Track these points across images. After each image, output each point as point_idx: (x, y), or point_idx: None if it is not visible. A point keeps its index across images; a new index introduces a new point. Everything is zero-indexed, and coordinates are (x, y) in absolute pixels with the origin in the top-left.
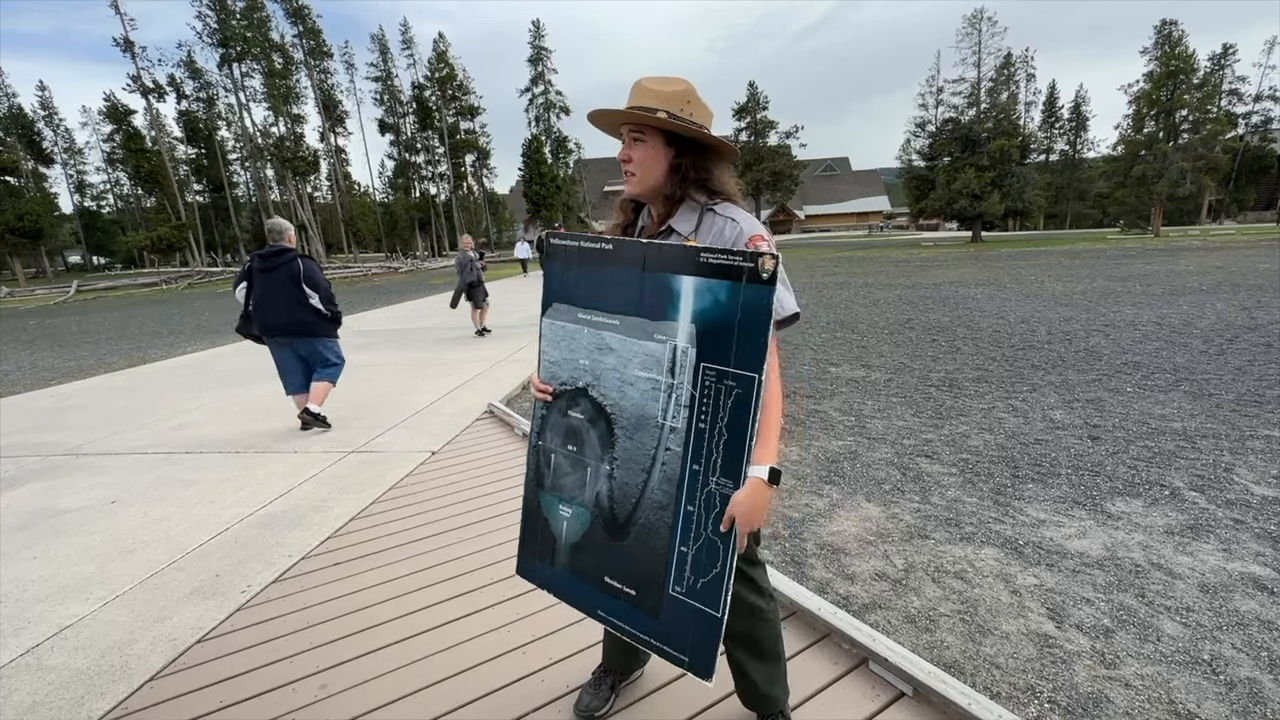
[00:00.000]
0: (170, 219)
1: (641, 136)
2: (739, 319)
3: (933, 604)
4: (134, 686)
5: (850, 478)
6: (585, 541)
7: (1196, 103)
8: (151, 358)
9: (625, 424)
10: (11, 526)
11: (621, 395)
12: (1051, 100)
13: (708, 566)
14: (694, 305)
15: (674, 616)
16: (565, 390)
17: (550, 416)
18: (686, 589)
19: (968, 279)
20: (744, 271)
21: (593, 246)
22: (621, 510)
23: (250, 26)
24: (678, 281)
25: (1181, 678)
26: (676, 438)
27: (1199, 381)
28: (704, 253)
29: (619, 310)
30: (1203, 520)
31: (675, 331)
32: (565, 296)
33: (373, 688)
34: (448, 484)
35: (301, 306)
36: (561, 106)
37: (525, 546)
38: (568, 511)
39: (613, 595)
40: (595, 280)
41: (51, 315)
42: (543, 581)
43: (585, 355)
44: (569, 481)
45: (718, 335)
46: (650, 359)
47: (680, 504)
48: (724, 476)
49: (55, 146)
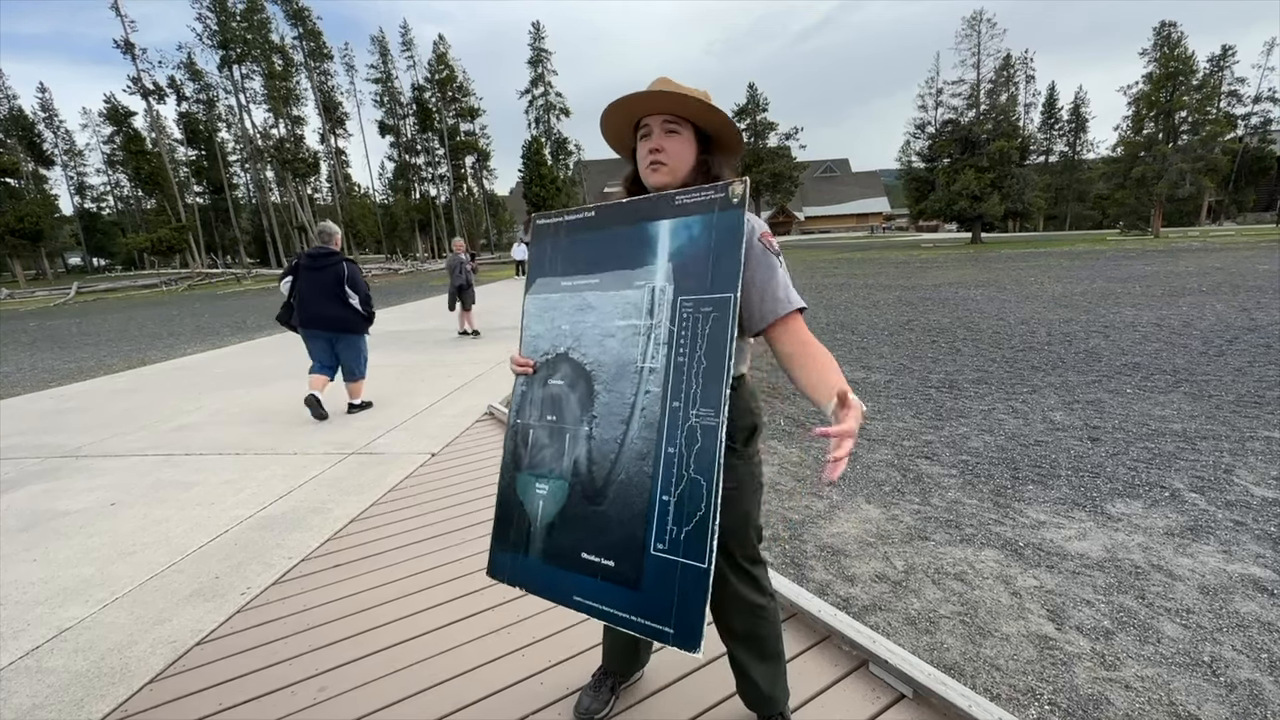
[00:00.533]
0: (170, 221)
1: (677, 128)
2: (713, 242)
3: (933, 606)
4: (134, 689)
5: (850, 479)
6: (562, 517)
7: (1196, 104)
8: (151, 359)
9: (604, 378)
10: (11, 528)
11: (602, 350)
12: (1051, 102)
13: (690, 512)
14: (669, 245)
15: (656, 581)
16: (546, 360)
17: (530, 390)
18: (669, 543)
19: (967, 280)
20: (715, 202)
21: (576, 217)
22: (600, 471)
23: (250, 28)
24: (655, 227)
25: (1182, 679)
26: (656, 378)
27: (1199, 383)
28: (678, 196)
29: (600, 269)
30: (1203, 522)
31: (653, 274)
32: (548, 270)
33: (372, 690)
34: (448, 486)
35: (341, 304)
36: (561, 108)
37: (498, 538)
38: (544, 488)
39: (589, 573)
40: (580, 248)
41: (51, 317)
42: (513, 576)
43: (566, 320)
44: (547, 454)
45: (694, 266)
46: (629, 306)
47: (661, 448)
48: (703, 407)
49: (55, 148)
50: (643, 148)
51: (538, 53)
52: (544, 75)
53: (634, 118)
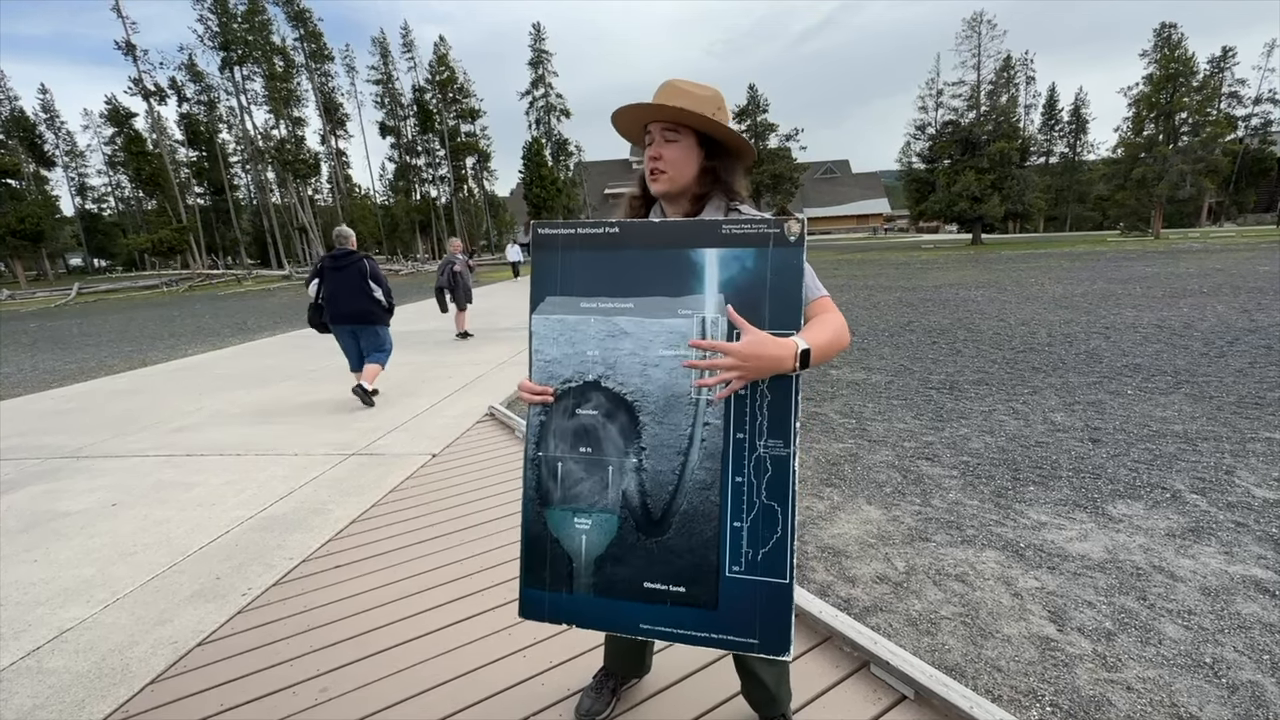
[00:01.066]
0: (171, 222)
1: (676, 136)
2: (770, 281)
3: (934, 607)
4: (135, 689)
5: (851, 480)
6: (614, 551)
7: (1196, 105)
8: (152, 360)
9: (652, 409)
10: (12, 529)
11: (645, 379)
12: (1051, 103)
13: (767, 535)
14: (720, 275)
15: (734, 601)
16: (569, 388)
17: (552, 421)
18: (746, 565)
19: (968, 281)
20: (769, 237)
21: (595, 232)
22: (657, 503)
23: (251, 30)
24: (700, 254)
25: (1183, 681)
26: (715, 410)
27: (1200, 384)
28: (725, 225)
29: (633, 292)
30: (1204, 523)
31: (702, 304)
32: (561, 288)
33: (373, 691)
34: (448, 487)
35: (366, 298)
36: (562, 109)
37: (530, 578)
38: (586, 523)
39: (657, 601)
40: (601, 266)
41: (52, 318)
42: (556, 614)
43: (594, 345)
44: (585, 488)
45: (750, 300)
46: (676, 335)
47: (727, 477)
48: (772, 438)
49: (57, 149)
50: (646, 155)
51: (538, 54)
52: (544, 76)
53: (642, 121)
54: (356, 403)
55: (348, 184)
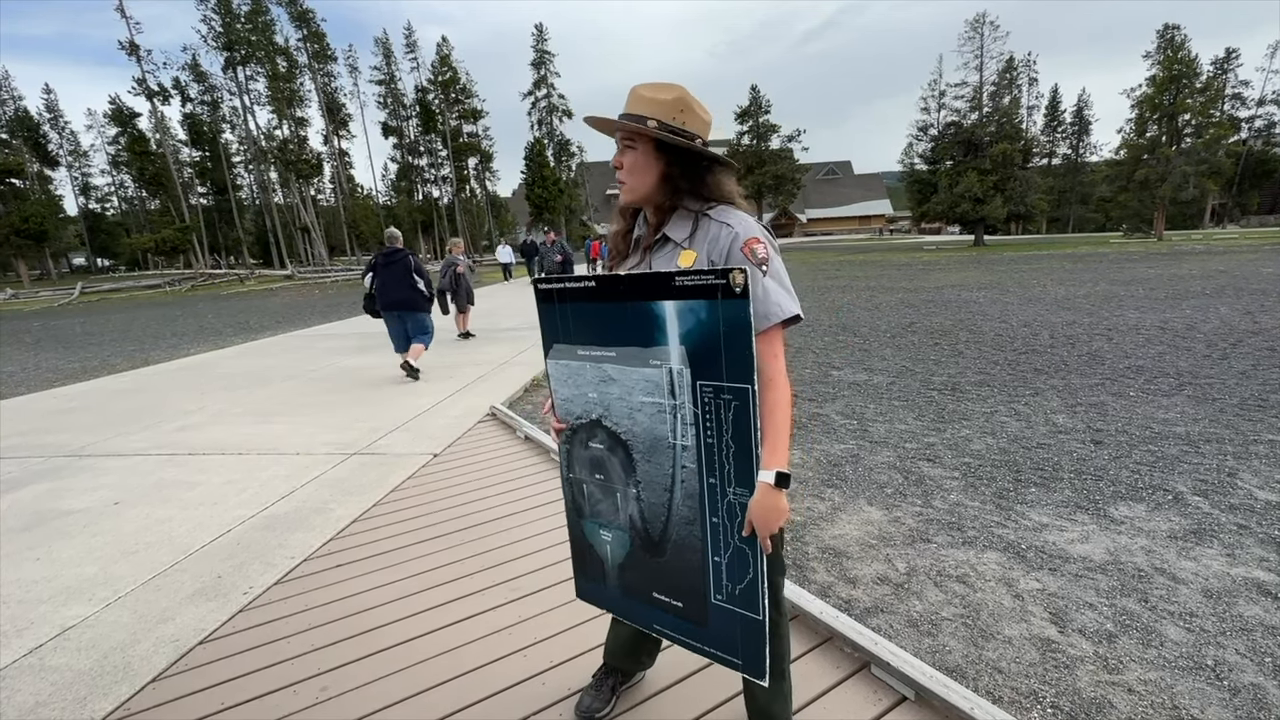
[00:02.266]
0: (174, 221)
1: (633, 144)
2: (723, 332)
3: (935, 608)
4: (137, 687)
5: (852, 481)
6: (630, 561)
7: (1199, 107)
8: (155, 360)
9: (641, 448)
10: (14, 528)
11: (632, 422)
12: (1054, 104)
13: (740, 574)
14: (679, 327)
15: (720, 623)
16: (581, 424)
17: (574, 450)
18: (726, 596)
19: (970, 282)
20: (717, 289)
21: (578, 286)
22: (654, 529)
23: (255, 30)
24: (660, 307)
25: (1185, 683)
26: (690, 455)
27: (1202, 386)
28: (677, 277)
29: (614, 342)
30: (1206, 525)
31: (668, 355)
32: (563, 336)
33: (374, 690)
34: (450, 486)
35: (410, 288)
36: (564, 110)
37: (580, 570)
38: (609, 536)
39: (663, 609)
40: (587, 317)
41: (55, 317)
42: (600, 601)
43: (592, 389)
44: (604, 508)
45: (707, 352)
46: (650, 384)
47: (705, 517)
48: (739, 486)
49: (60, 149)
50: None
51: (540, 54)
52: (547, 77)
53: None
54: (357, 403)
55: (350, 184)
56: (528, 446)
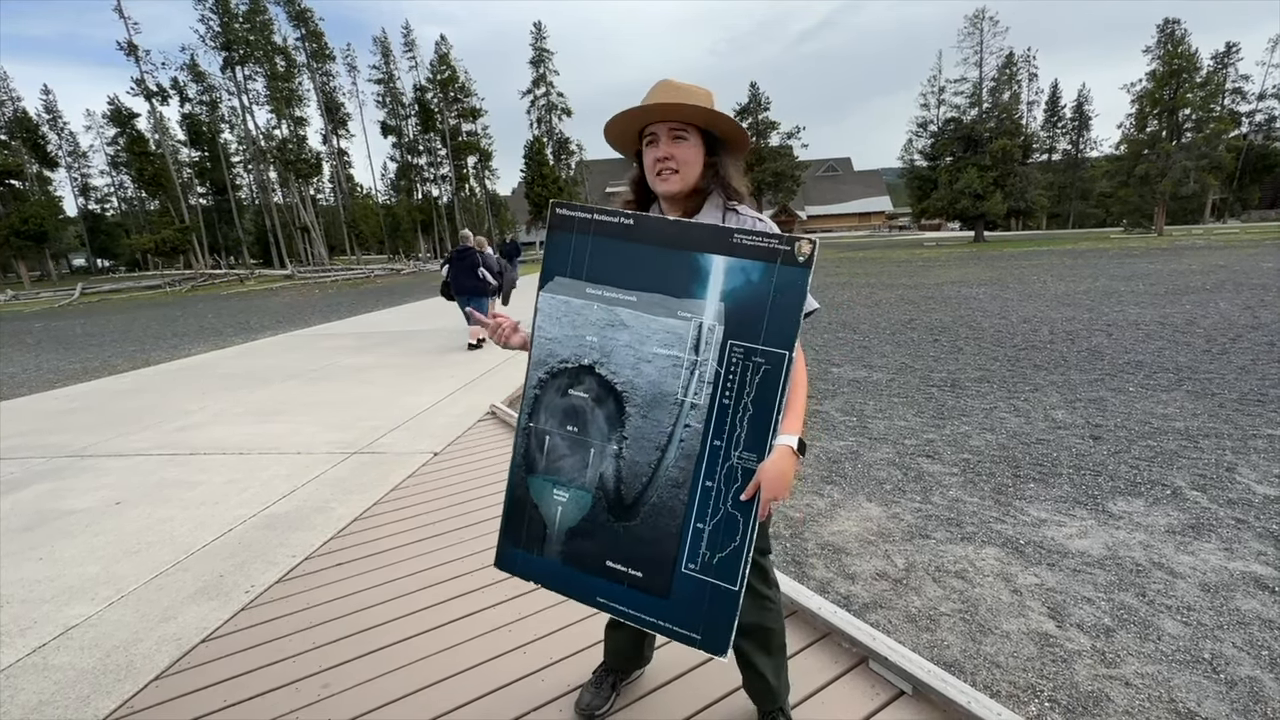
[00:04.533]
0: (174, 222)
1: (684, 134)
2: (772, 298)
3: (933, 603)
4: (139, 685)
5: (851, 478)
6: (584, 526)
7: (1200, 101)
8: (155, 360)
9: (639, 402)
10: (17, 528)
11: (636, 373)
12: (1054, 100)
13: (725, 541)
14: (724, 284)
15: (685, 594)
16: (565, 368)
17: (545, 396)
18: (701, 565)
19: (970, 279)
20: (779, 254)
21: (610, 220)
22: (630, 490)
23: (253, 30)
24: (707, 260)
25: (1182, 676)
26: (698, 414)
27: (1202, 381)
28: (738, 234)
29: (637, 286)
30: (1204, 519)
31: (702, 309)
32: (571, 270)
33: (375, 687)
34: (450, 485)
35: (477, 279)
36: (563, 108)
37: (508, 535)
38: (563, 495)
39: (614, 580)
40: (610, 255)
41: (56, 318)
42: (526, 571)
43: (593, 332)
44: (567, 464)
45: (748, 314)
46: (672, 335)
47: (698, 480)
48: (748, 450)
49: (60, 150)
50: (649, 155)
51: (539, 53)
52: (545, 75)
53: (639, 125)
54: (358, 403)
55: (350, 183)
56: None
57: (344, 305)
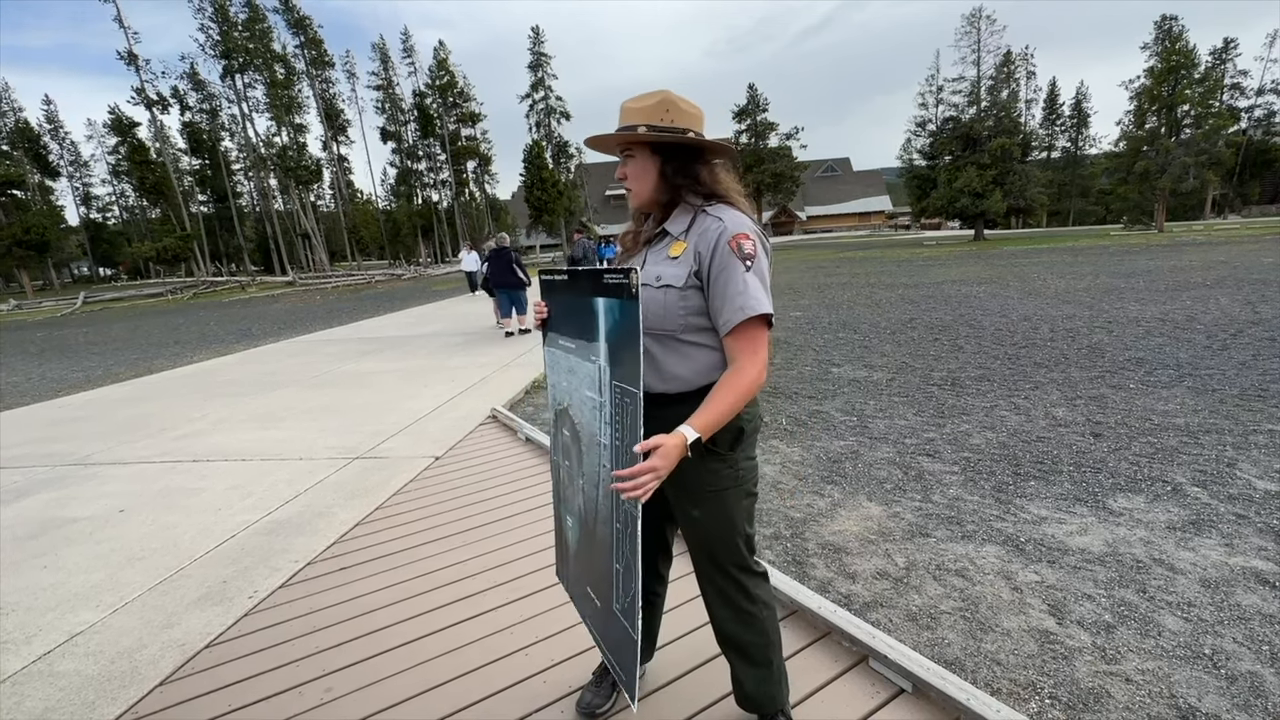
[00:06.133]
0: (175, 229)
1: (631, 153)
2: (623, 333)
3: (934, 602)
4: (144, 691)
5: (852, 477)
6: (578, 550)
7: (1198, 98)
8: (158, 368)
9: (585, 441)
10: (21, 536)
11: (580, 414)
12: (1052, 97)
13: (627, 585)
14: (605, 324)
15: (615, 634)
16: (559, 410)
17: (556, 434)
18: (621, 607)
19: (970, 277)
20: (624, 288)
21: (559, 280)
22: (590, 522)
23: (252, 38)
24: (595, 303)
25: (1183, 672)
26: (608, 454)
27: (1202, 377)
28: (606, 274)
29: (574, 335)
30: (1205, 515)
31: (599, 351)
32: (556, 326)
33: (378, 690)
34: (451, 489)
35: (513, 275)
36: (562, 112)
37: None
38: (570, 521)
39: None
40: (561, 309)
41: (59, 327)
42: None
43: (563, 378)
44: (568, 493)
45: (619, 351)
46: (589, 379)
47: (612, 522)
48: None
49: (61, 159)
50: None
51: (537, 57)
52: (544, 79)
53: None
54: (359, 407)
55: (350, 189)
56: (529, 448)
57: (345, 311)
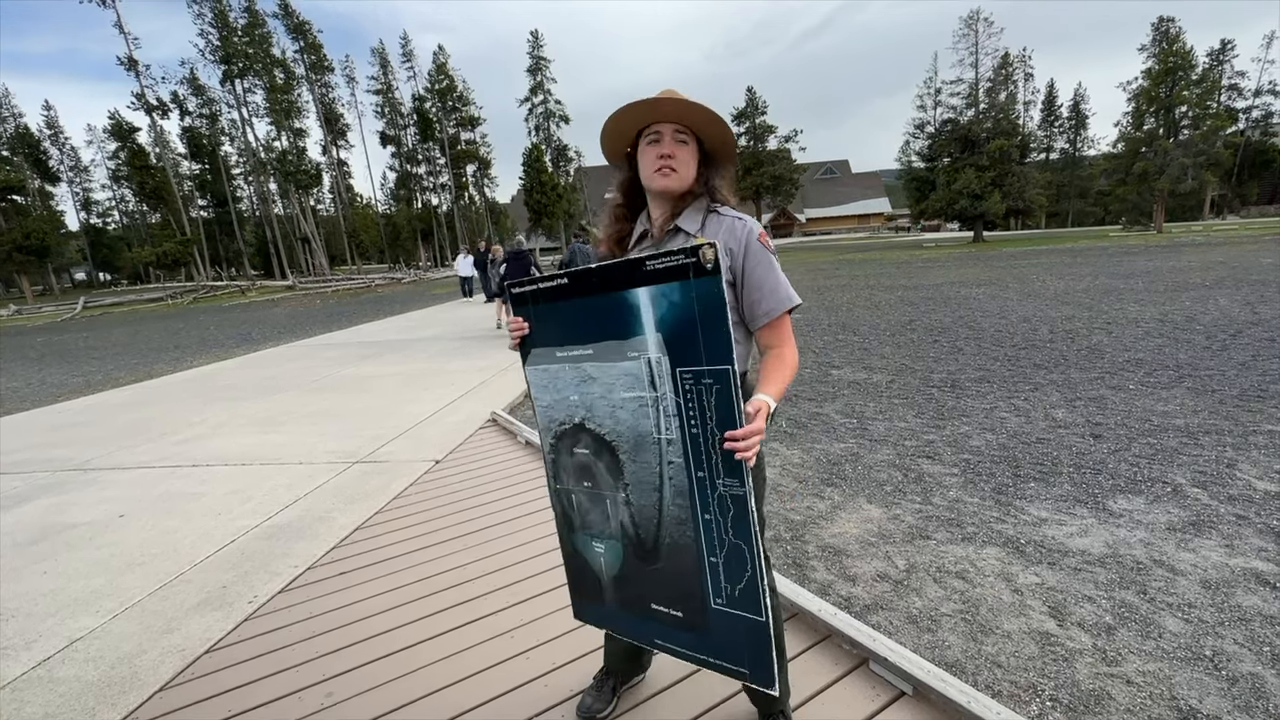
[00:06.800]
0: (175, 234)
1: (685, 139)
2: (698, 313)
3: (934, 604)
4: (144, 696)
5: (852, 479)
6: (625, 573)
7: (1196, 99)
8: (158, 372)
9: (626, 448)
10: (21, 541)
11: (615, 420)
12: (1050, 99)
13: (739, 572)
14: (654, 314)
15: (723, 630)
16: (565, 430)
17: (560, 458)
18: (727, 599)
19: (969, 279)
20: (689, 268)
21: (551, 285)
22: (647, 534)
23: (252, 43)
24: (634, 295)
25: (1183, 674)
26: (675, 449)
27: (1202, 378)
28: (648, 260)
29: (591, 339)
30: (1205, 516)
31: (645, 345)
32: (541, 340)
33: (378, 695)
34: (451, 493)
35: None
36: (561, 115)
37: (575, 590)
38: (601, 547)
39: (661, 622)
40: (561, 316)
41: (58, 332)
42: (600, 620)
43: (573, 391)
44: (594, 517)
45: (683, 336)
46: (630, 377)
47: (697, 515)
48: (728, 477)
49: (61, 165)
50: (651, 152)
51: (536, 61)
52: (543, 83)
53: (642, 123)
54: (359, 412)
55: (349, 193)
56: (529, 452)
57: (345, 315)
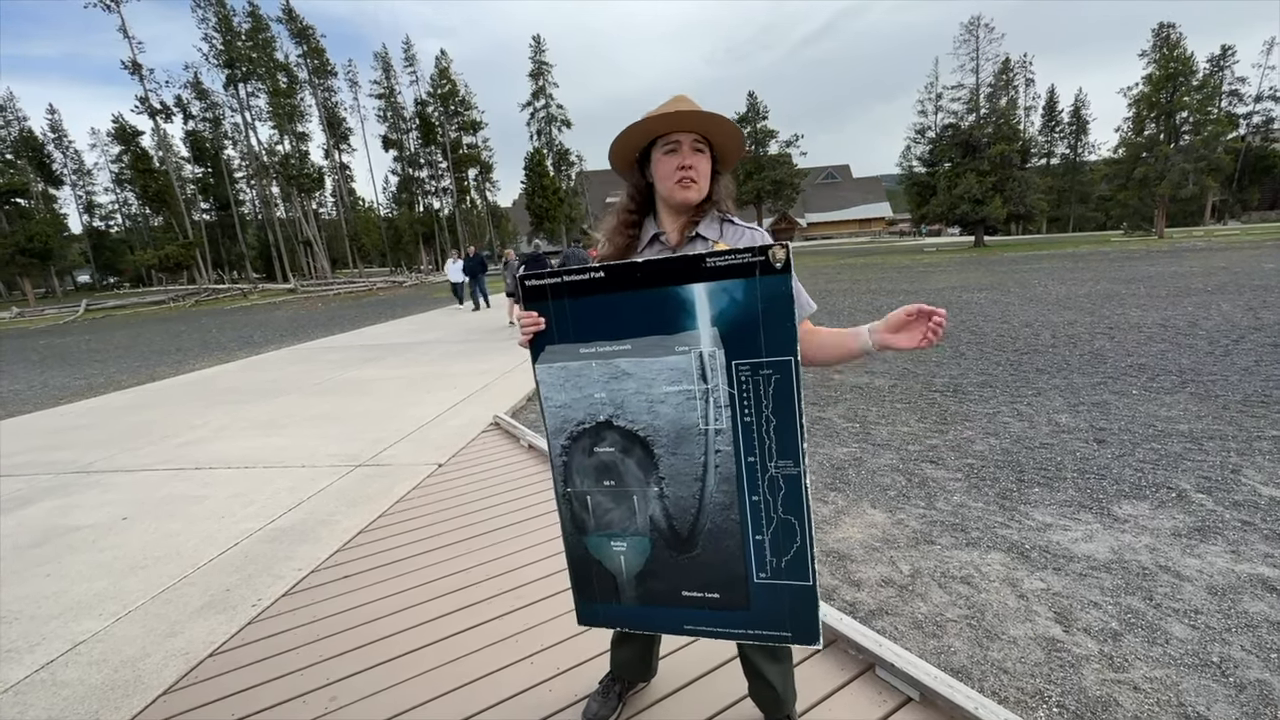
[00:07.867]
0: (178, 237)
1: (703, 149)
2: (762, 310)
3: (939, 609)
4: (148, 700)
5: (855, 484)
6: (651, 567)
7: (1197, 104)
8: (160, 375)
9: (665, 442)
10: (24, 544)
11: (654, 415)
12: (1051, 104)
13: (787, 545)
14: (711, 309)
15: (764, 602)
16: (583, 430)
17: (574, 460)
18: (771, 572)
19: (970, 284)
20: (756, 266)
21: (581, 279)
22: (682, 524)
23: (255, 47)
24: (688, 291)
25: (1191, 680)
26: (724, 438)
27: (1205, 383)
28: (709, 258)
29: (627, 334)
30: (1210, 522)
31: (697, 339)
32: (559, 336)
33: (382, 699)
34: (454, 496)
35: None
36: (563, 120)
37: (581, 593)
38: (621, 545)
39: (694, 606)
40: (592, 311)
41: (61, 334)
42: (610, 620)
43: (599, 388)
44: (615, 516)
45: (743, 331)
46: (676, 372)
47: (744, 498)
48: (782, 459)
49: (64, 168)
50: (669, 162)
51: (539, 65)
52: (545, 88)
53: (658, 131)
54: (361, 415)
55: (351, 197)
56: (531, 455)
57: (346, 318)
